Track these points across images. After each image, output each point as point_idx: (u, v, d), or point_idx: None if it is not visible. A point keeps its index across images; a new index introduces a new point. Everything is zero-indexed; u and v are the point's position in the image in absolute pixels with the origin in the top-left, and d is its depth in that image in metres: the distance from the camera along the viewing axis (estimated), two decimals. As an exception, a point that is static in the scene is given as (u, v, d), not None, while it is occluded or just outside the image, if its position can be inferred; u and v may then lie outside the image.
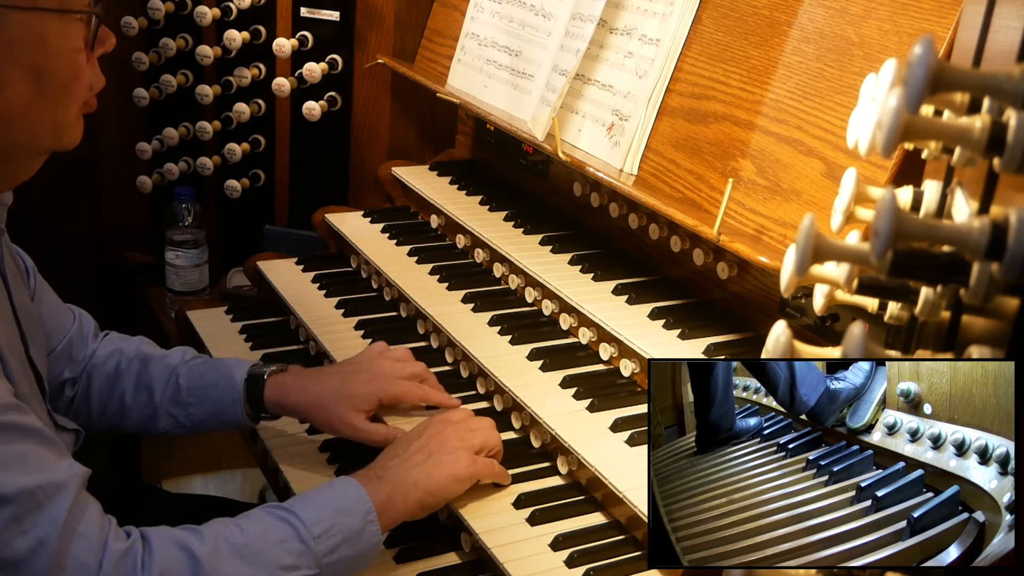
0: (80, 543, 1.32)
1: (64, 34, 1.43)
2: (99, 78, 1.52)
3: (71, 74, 1.45)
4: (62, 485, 1.33)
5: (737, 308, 1.96)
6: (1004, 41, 0.85)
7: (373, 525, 1.57)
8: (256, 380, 1.89)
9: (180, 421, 1.91)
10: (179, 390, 1.90)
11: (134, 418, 1.92)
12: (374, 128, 2.90)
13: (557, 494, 1.77)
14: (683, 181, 1.99)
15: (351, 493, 1.58)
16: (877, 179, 1.59)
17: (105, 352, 1.93)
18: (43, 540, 1.29)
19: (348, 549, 1.53)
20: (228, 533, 1.46)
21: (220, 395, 1.89)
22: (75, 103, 1.48)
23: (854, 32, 1.74)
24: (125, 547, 1.36)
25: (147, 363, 1.92)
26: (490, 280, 2.33)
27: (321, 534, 1.50)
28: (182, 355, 1.95)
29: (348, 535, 1.53)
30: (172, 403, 1.90)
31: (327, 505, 1.55)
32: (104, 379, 1.91)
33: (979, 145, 0.74)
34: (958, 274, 0.77)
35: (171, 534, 1.43)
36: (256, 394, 1.89)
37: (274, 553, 1.46)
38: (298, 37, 2.82)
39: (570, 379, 1.93)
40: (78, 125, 1.51)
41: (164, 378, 1.90)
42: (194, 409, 1.90)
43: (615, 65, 2.18)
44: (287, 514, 1.51)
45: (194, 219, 2.75)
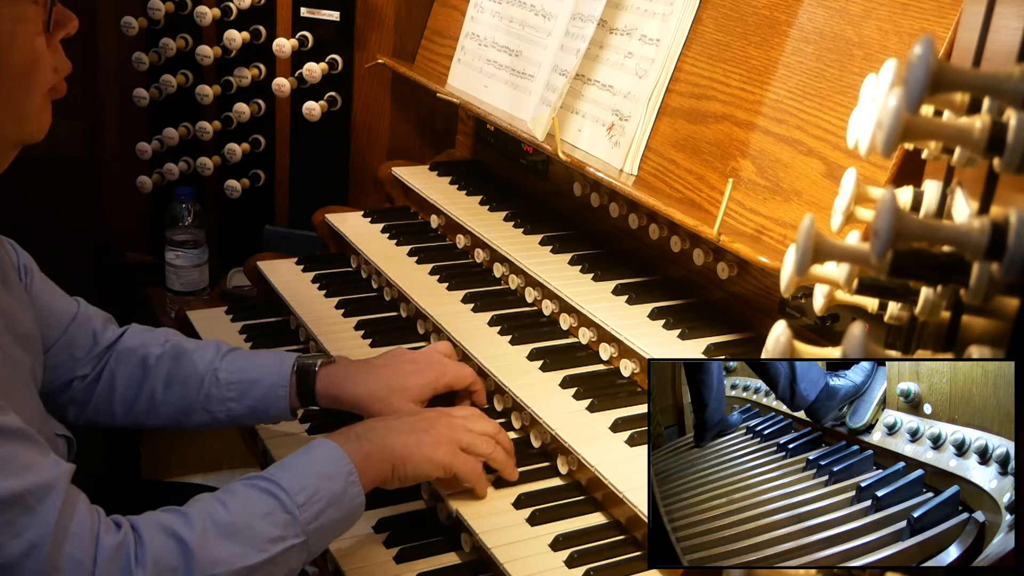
0: (73, 541, 1.31)
1: (17, 18, 1.39)
2: (64, 62, 1.48)
3: (30, 60, 1.41)
4: (51, 486, 1.32)
5: (737, 308, 1.96)
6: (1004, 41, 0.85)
7: (355, 486, 1.57)
8: (307, 372, 1.87)
9: (216, 416, 1.89)
10: (219, 385, 1.87)
11: (165, 414, 1.88)
12: (374, 128, 2.90)
13: (557, 494, 1.77)
14: (683, 181, 1.99)
15: (331, 455, 1.58)
16: (877, 179, 1.59)
17: (129, 346, 1.88)
18: (36, 542, 1.28)
19: (332, 512, 1.54)
20: (213, 512, 1.45)
21: (264, 391, 1.87)
22: (38, 90, 1.44)
23: (854, 32, 1.74)
24: (117, 541, 1.35)
25: (180, 358, 1.88)
26: (490, 280, 2.33)
27: (305, 502, 1.50)
28: (216, 348, 1.92)
29: (331, 498, 1.53)
30: (210, 399, 1.87)
31: (309, 471, 1.55)
32: (130, 375, 1.87)
33: (979, 145, 0.74)
34: (958, 274, 0.77)
35: (158, 520, 1.42)
36: (307, 387, 1.87)
37: (260, 527, 1.46)
38: (298, 37, 2.82)
39: (570, 379, 1.93)
40: (44, 113, 1.46)
41: (200, 374, 1.87)
42: (235, 404, 1.87)
43: (615, 65, 2.18)
44: (270, 484, 1.51)
45: (194, 219, 2.75)
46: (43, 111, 1.46)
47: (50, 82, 1.46)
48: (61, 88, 1.49)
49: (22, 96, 1.42)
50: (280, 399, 1.87)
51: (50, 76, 1.45)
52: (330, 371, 1.88)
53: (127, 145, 2.95)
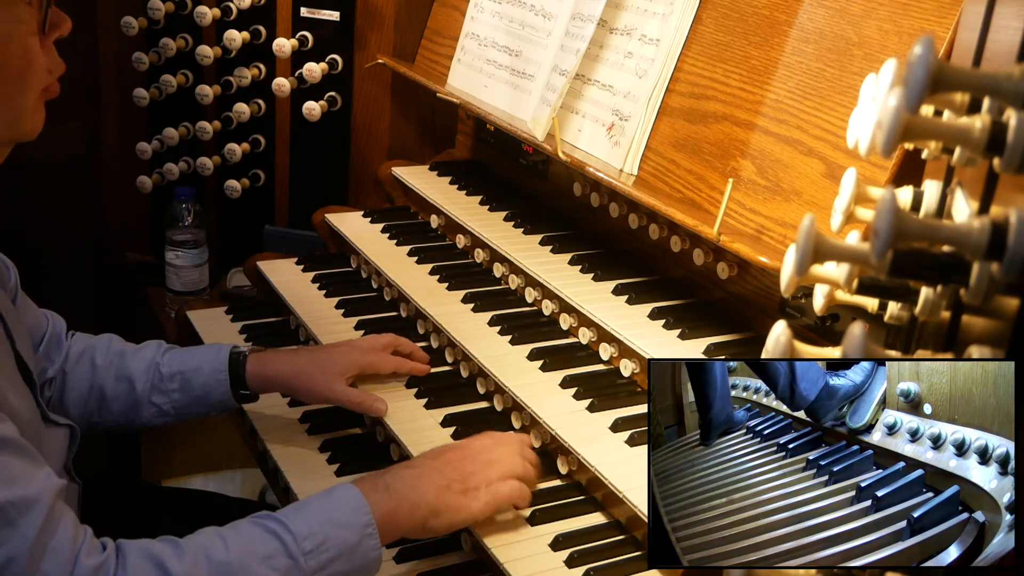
0: (51, 559, 1.29)
1: (12, 19, 1.41)
2: (58, 63, 1.50)
3: (24, 60, 1.43)
4: (35, 500, 1.30)
5: (737, 308, 1.96)
6: (1004, 41, 0.85)
7: (372, 539, 1.49)
8: (237, 358, 1.94)
9: (163, 409, 1.93)
10: (161, 378, 1.92)
11: (115, 411, 1.92)
12: (374, 128, 2.90)
13: (557, 494, 1.77)
14: (683, 181, 1.99)
15: (351, 503, 1.51)
16: (877, 179, 1.59)
17: (77, 350, 1.93)
18: (13, 556, 1.27)
19: (343, 564, 1.46)
20: (211, 548, 1.40)
21: (205, 378, 1.92)
22: (32, 90, 1.45)
23: (854, 32, 1.74)
24: (97, 563, 1.32)
25: (123, 356, 1.94)
26: (490, 280, 2.33)
27: (312, 549, 1.43)
28: (157, 346, 1.98)
29: (343, 549, 1.46)
30: (155, 391, 1.92)
31: (322, 517, 1.48)
32: (80, 377, 1.91)
33: (979, 145, 0.74)
34: (958, 274, 0.77)
35: (148, 549, 1.38)
36: (238, 372, 1.93)
37: (258, 570, 1.40)
38: (298, 37, 2.82)
39: (570, 379, 1.93)
40: (38, 113, 1.48)
41: (144, 368, 1.92)
42: (178, 395, 1.92)
43: (615, 65, 2.18)
44: (277, 526, 1.45)
45: (194, 219, 2.75)
46: (37, 111, 1.48)
47: (44, 82, 1.48)
48: (54, 88, 1.51)
49: (16, 96, 1.43)
50: (221, 383, 1.92)
51: (44, 76, 1.47)
52: (259, 356, 1.96)
53: (127, 145, 2.95)
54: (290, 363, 1.95)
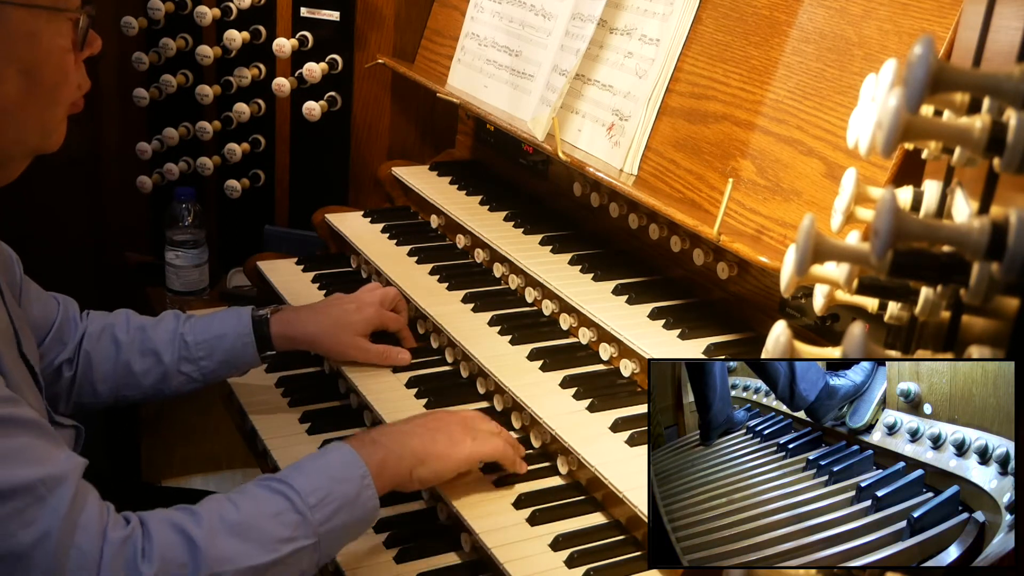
0: (82, 534, 1.34)
1: (55, 33, 1.44)
2: (86, 80, 1.54)
3: (60, 74, 1.47)
4: (63, 477, 1.35)
5: (737, 308, 1.96)
6: (1004, 41, 0.85)
7: (369, 489, 1.58)
8: (261, 321, 2.02)
9: (192, 376, 1.99)
10: (188, 347, 1.98)
11: (145, 384, 1.97)
12: (374, 128, 2.90)
13: (557, 494, 1.77)
14: (683, 181, 1.99)
15: (345, 459, 1.60)
16: (877, 179, 1.59)
17: (95, 329, 1.96)
18: (47, 532, 1.31)
19: (345, 515, 1.55)
20: (223, 511, 1.47)
21: (231, 342, 2.00)
22: (63, 104, 1.50)
23: (854, 32, 1.74)
24: (124, 535, 1.38)
25: (144, 330, 1.98)
26: (490, 280, 2.33)
27: (317, 503, 1.52)
28: (175, 316, 2.03)
29: (344, 501, 1.55)
30: (183, 361, 1.98)
31: (322, 473, 1.56)
32: (105, 353, 1.94)
33: (979, 145, 0.74)
34: (958, 274, 0.77)
35: (167, 517, 1.45)
36: (263, 333, 2.02)
37: (270, 527, 1.48)
38: (298, 37, 2.82)
39: (570, 379, 1.93)
40: (63, 126, 1.52)
41: (168, 340, 1.97)
42: (206, 362, 1.99)
43: (615, 65, 2.18)
44: (282, 486, 1.53)
45: (194, 219, 2.75)
46: (62, 124, 1.52)
47: (73, 97, 1.52)
48: (79, 104, 1.55)
49: (49, 109, 1.48)
50: (248, 346, 2.01)
51: (74, 92, 1.52)
52: (281, 317, 2.05)
53: (127, 145, 2.95)
54: (315, 323, 2.06)
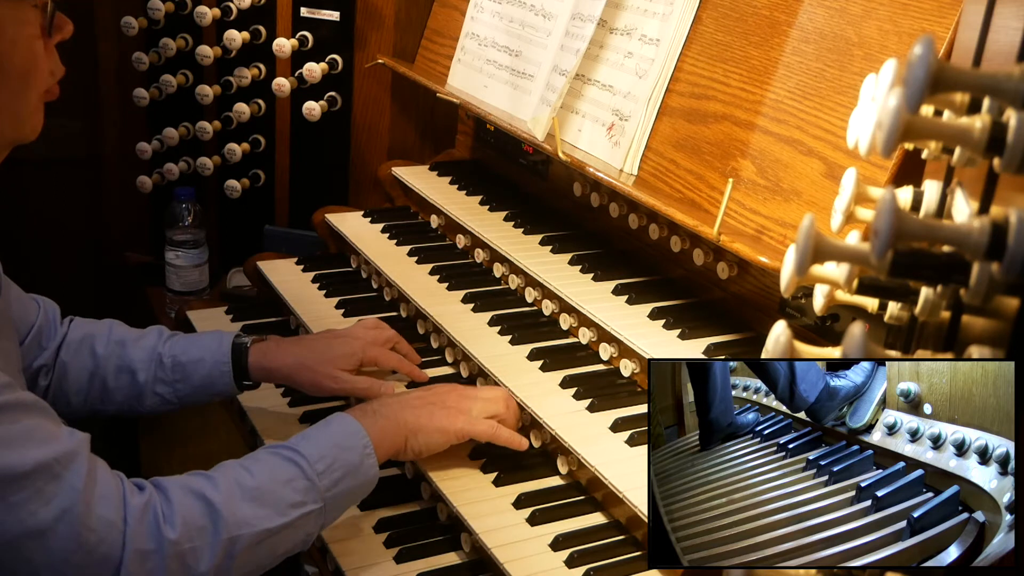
0: (102, 504, 1.38)
1: (19, 21, 1.44)
2: (59, 66, 1.53)
3: (29, 62, 1.46)
4: (75, 453, 1.38)
5: (737, 308, 1.96)
6: (1004, 41, 0.85)
7: (370, 458, 1.66)
8: (239, 349, 1.97)
9: (167, 398, 1.96)
10: (164, 368, 1.94)
11: (118, 400, 1.95)
12: (374, 128, 2.90)
13: (557, 494, 1.77)
14: (683, 181, 1.99)
15: (348, 428, 1.67)
16: (877, 179, 1.59)
17: (76, 338, 1.94)
18: (67, 507, 1.34)
19: (349, 481, 1.63)
20: (239, 477, 1.54)
21: (208, 369, 1.95)
22: (35, 92, 1.49)
23: (854, 32, 1.74)
24: (144, 501, 1.42)
25: (124, 346, 1.95)
26: (490, 280, 2.33)
27: (324, 470, 1.59)
28: (159, 333, 1.99)
29: (348, 468, 1.63)
30: (158, 382, 1.95)
31: (328, 442, 1.64)
32: (81, 365, 1.93)
33: (979, 145, 0.74)
34: (958, 274, 0.77)
35: (185, 482, 1.50)
36: (241, 363, 1.96)
37: (283, 492, 1.55)
38: (298, 37, 2.82)
39: (570, 379, 1.93)
40: (38, 114, 1.52)
41: (146, 359, 1.95)
42: (181, 385, 1.95)
43: (615, 65, 2.18)
44: (292, 453, 1.60)
45: (194, 219, 2.75)
46: (37, 112, 1.51)
47: (46, 84, 1.51)
48: (54, 91, 1.54)
49: (20, 97, 1.47)
50: (224, 375, 1.95)
51: (46, 79, 1.50)
52: (261, 346, 1.99)
53: (127, 145, 2.95)
54: (293, 355, 1.98)
